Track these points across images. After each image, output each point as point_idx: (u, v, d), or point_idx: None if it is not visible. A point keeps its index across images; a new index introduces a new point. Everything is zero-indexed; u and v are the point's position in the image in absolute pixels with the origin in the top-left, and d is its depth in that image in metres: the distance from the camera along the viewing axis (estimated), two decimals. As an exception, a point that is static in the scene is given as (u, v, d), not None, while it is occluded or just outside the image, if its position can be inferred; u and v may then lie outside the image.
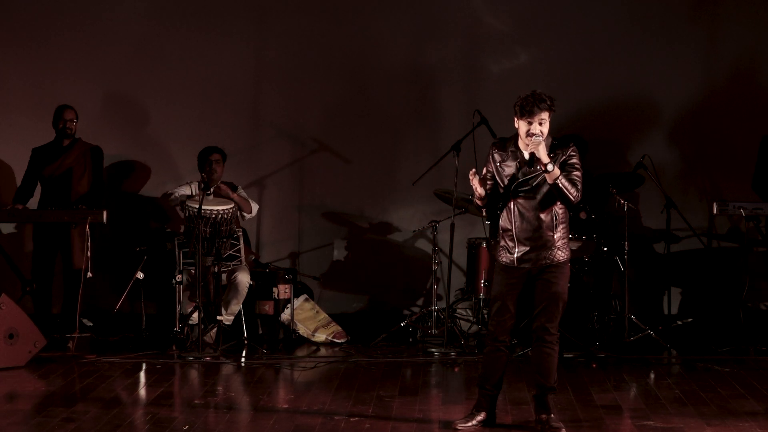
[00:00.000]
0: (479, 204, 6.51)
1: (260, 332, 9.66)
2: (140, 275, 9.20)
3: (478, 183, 6.39)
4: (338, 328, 9.65)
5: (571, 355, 8.66)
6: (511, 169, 6.42)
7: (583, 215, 9.06)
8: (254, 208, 9.59)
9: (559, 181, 6.28)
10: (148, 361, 8.55)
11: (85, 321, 9.69)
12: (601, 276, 9.40)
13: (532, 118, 6.30)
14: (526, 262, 6.40)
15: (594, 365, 8.50)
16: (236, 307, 9.29)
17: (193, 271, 8.99)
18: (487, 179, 6.44)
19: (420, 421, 6.67)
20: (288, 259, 10.41)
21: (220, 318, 9.06)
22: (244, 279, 9.26)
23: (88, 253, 9.02)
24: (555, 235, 6.38)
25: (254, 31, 10.41)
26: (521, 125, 6.35)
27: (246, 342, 9.18)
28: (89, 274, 9.01)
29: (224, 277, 9.23)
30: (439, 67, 10.38)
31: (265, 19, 10.40)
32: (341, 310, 10.16)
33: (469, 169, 6.49)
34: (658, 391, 7.59)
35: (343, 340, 9.56)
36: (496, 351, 6.49)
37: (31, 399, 7.35)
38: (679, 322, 9.68)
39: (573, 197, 6.33)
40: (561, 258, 6.40)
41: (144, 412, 6.95)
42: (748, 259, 9.56)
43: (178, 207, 9.42)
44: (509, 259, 6.45)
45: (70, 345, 8.99)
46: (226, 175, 9.65)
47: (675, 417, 6.77)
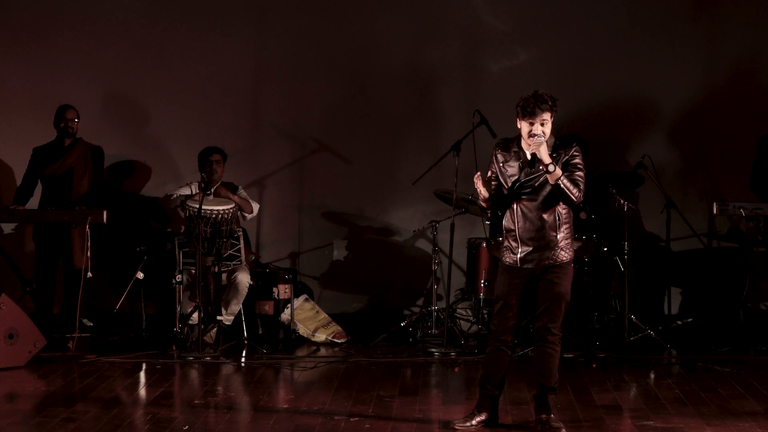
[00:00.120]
0: (484, 206, 6.51)
1: (260, 332, 9.66)
2: (140, 275, 9.20)
3: (482, 186, 6.39)
4: (338, 328, 9.65)
5: (571, 355, 8.66)
6: (514, 169, 6.42)
7: (583, 215, 9.06)
8: (255, 208, 9.59)
9: (561, 182, 6.28)
10: (148, 361, 8.55)
11: (85, 321, 9.69)
12: (601, 276, 9.40)
13: (533, 119, 6.29)
14: (529, 262, 6.40)
15: (594, 365, 8.50)
16: (236, 307, 9.29)
17: (193, 271, 8.99)
18: (492, 181, 6.44)
19: (420, 421, 6.67)
20: (288, 259, 10.41)
21: (220, 318, 9.06)
22: (244, 279, 9.27)
23: (88, 253, 9.02)
24: (558, 236, 6.37)
25: (254, 31, 10.41)
26: (523, 126, 6.35)
27: (246, 342, 9.18)
28: (89, 274, 9.01)
29: (224, 277, 9.23)
30: (439, 67, 10.38)
31: (265, 19, 10.40)
32: (341, 310, 10.16)
33: (469, 169, 6.51)
34: (658, 391, 7.59)
35: (343, 340, 9.56)
36: (498, 351, 6.48)
37: (31, 399, 7.35)
38: (679, 322, 9.68)
39: (575, 197, 6.32)
40: (564, 258, 6.39)
41: (144, 412, 6.95)
42: (748, 259, 9.56)
43: (179, 207, 9.42)
44: (512, 260, 6.45)
45: (70, 345, 8.99)
46: (226, 175, 9.66)
47: (675, 417, 6.77)
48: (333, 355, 9.03)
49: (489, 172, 6.46)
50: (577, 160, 6.39)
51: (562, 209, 6.39)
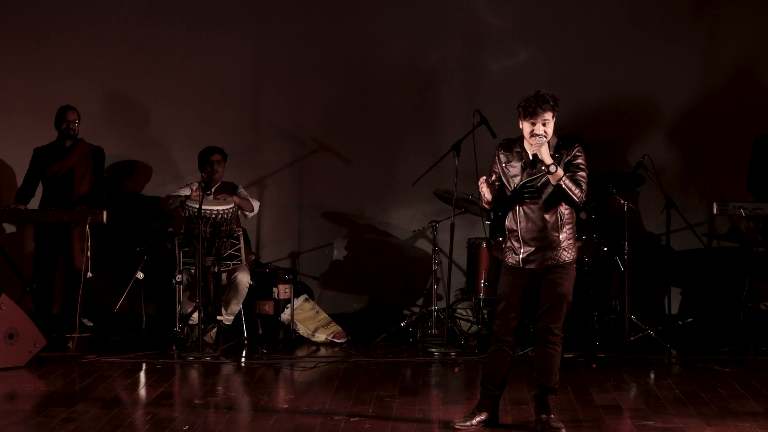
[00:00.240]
0: (487, 208, 6.50)
1: (260, 332, 9.65)
2: (140, 275, 9.20)
3: (487, 188, 6.38)
4: (338, 328, 9.64)
5: (571, 355, 8.66)
6: (517, 169, 6.42)
7: (583, 215, 9.06)
8: (255, 206, 9.58)
9: (563, 182, 6.27)
10: (148, 361, 8.55)
11: (85, 321, 9.69)
12: (601, 276, 9.40)
13: (535, 119, 6.29)
14: (532, 262, 6.39)
15: (594, 365, 8.50)
16: (236, 307, 9.29)
17: (193, 271, 8.99)
18: (495, 183, 6.43)
19: (420, 421, 6.67)
20: (288, 259, 10.41)
21: (220, 318, 9.06)
22: (244, 279, 9.27)
23: (88, 253, 9.02)
24: (560, 236, 6.37)
25: (254, 31, 10.41)
26: (525, 126, 6.34)
27: (246, 342, 9.18)
28: (89, 274, 9.01)
29: (224, 277, 9.23)
30: (439, 67, 10.38)
31: (265, 19, 10.40)
32: (341, 310, 10.16)
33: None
34: (658, 391, 7.59)
35: (343, 340, 9.56)
36: (500, 351, 6.48)
37: (31, 399, 7.35)
38: (680, 322, 9.68)
39: (577, 198, 6.31)
40: (567, 259, 6.39)
41: (144, 412, 6.95)
42: (748, 259, 9.56)
43: (179, 207, 9.42)
44: (515, 260, 6.44)
45: (70, 345, 8.99)
46: (226, 175, 9.66)
47: (675, 417, 6.77)
48: (333, 355, 9.03)
49: (493, 176, 6.45)
50: (580, 161, 6.38)
51: (564, 209, 6.39)
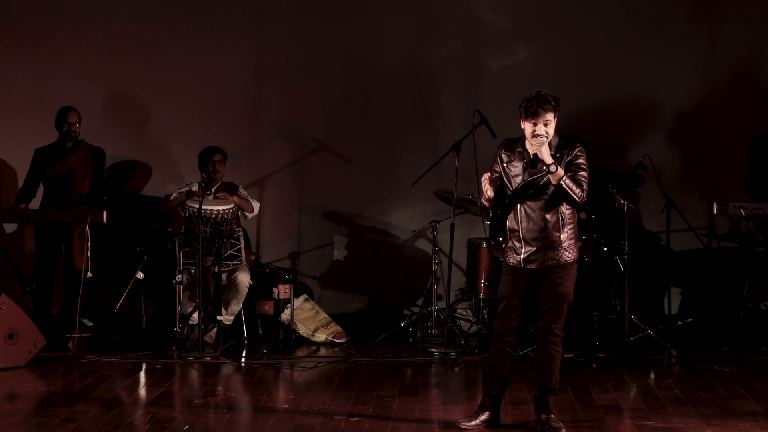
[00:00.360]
0: (486, 205, 6.49)
1: (260, 332, 9.65)
2: (140, 275, 9.20)
3: (489, 185, 6.37)
4: (338, 328, 9.64)
5: (571, 355, 8.66)
6: (518, 169, 6.42)
7: (583, 215, 9.05)
8: (256, 206, 9.58)
9: (563, 182, 6.27)
10: (148, 361, 8.55)
11: (85, 321, 9.69)
12: (601, 276, 9.40)
13: (536, 119, 6.29)
14: (533, 262, 6.39)
15: (594, 365, 8.50)
16: (236, 307, 9.29)
17: (193, 271, 8.99)
18: (497, 181, 6.42)
19: (420, 421, 6.67)
20: (288, 259, 10.41)
21: (220, 318, 9.06)
22: (244, 279, 9.26)
23: (88, 253, 9.02)
24: (562, 236, 6.37)
25: (254, 31, 10.41)
26: (526, 126, 6.34)
27: (246, 342, 9.18)
28: (89, 274, 9.01)
29: (224, 277, 9.23)
30: (439, 67, 10.38)
31: (265, 19, 10.40)
32: (341, 310, 10.16)
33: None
34: (658, 391, 7.59)
35: (343, 340, 9.56)
36: (502, 351, 6.47)
37: (31, 399, 7.35)
38: (680, 322, 9.68)
39: (578, 198, 6.31)
40: (568, 259, 6.39)
41: (144, 412, 6.95)
42: (748, 259, 9.56)
43: (179, 207, 9.42)
44: (516, 260, 6.44)
45: (70, 345, 9.00)
46: (226, 175, 9.66)
47: (675, 417, 6.77)
48: (333, 355, 9.03)
49: (495, 175, 6.44)
50: (581, 161, 6.37)
51: (565, 209, 6.39)
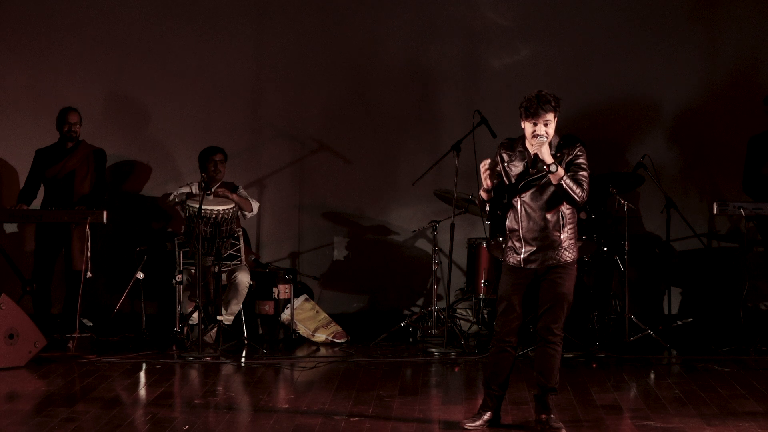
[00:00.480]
0: (484, 198, 6.45)
1: (260, 332, 9.65)
2: (140, 275, 9.20)
3: (488, 174, 6.35)
4: (338, 328, 9.64)
5: (571, 355, 8.66)
6: (519, 169, 6.41)
7: (583, 215, 9.06)
8: (255, 206, 9.58)
9: (564, 182, 6.27)
10: (148, 361, 8.55)
11: (85, 321, 9.68)
12: (601, 276, 9.40)
13: (536, 119, 6.29)
14: (533, 262, 6.39)
15: (594, 365, 8.50)
16: (236, 307, 9.29)
17: (193, 271, 8.99)
18: (496, 170, 6.39)
19: (420, 421, 6.67)
20: (288, 259, 10.41)
21: (220, 318, 9.06)
22: (244, 279, 9.26)
23: (88, 254, 9.02)
24: (562, 236, 6.37)
25: (254, 31, 10.41)
26: (526, 126, 6.34)
27: (246, 342, 9.17)
28: (89, 275, 9.01)
29: (224, 277, 9.23)
30: (440, 67, 10.37)
31: (265, 19, 10.40)
32: (341, 310, 10.16)
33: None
34: (658, 391, 7.59)
35: (343, 340, 9.56)
36: (503, 351, 6.47)
37: (31, 399, 7.35)
38: (679, 322, 9.68)
39: (578, 198, 6.31)
40: (568, 258, 6.39)
41: (144, 412, 6.95)
42: (748, 259, 9.56)
43: (179, 207, 9.42)
44: (516, 260, 6.44)
45: (70, 345, 8.99)
46: (226, 175, 9.65)
47: (675, 417, 6.77)
48: (333, 355, 9.03)
49: (497, 167, 6.42)
50: (581, 160, 6.38)
51: (566, 209, 6.39)
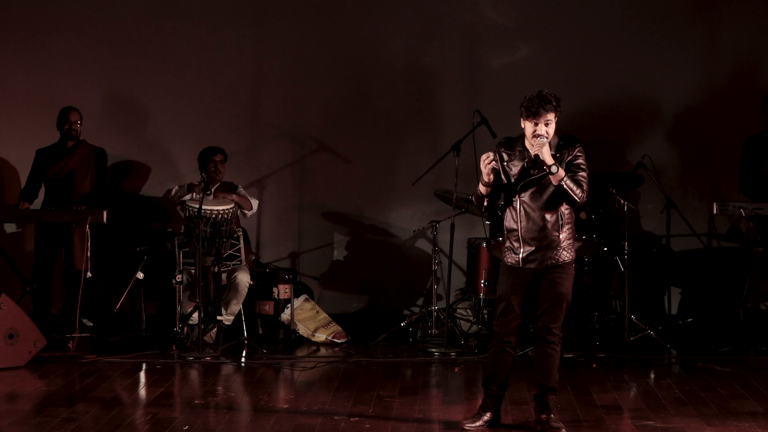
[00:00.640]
0: (482, 193, 6.43)
1: (260, 332, 9.65)
2: (140, 275, 9.20)
3: (489, 166, 6.33)
4: (338, 328, 9.64)
5: (571, 355, 8.66)
6: (518, 168, 6.41)
7: (583, 215, 9.06)
8: (254, 204, 9.58)
9: (564, 183, 6.28)
10: (148, 361, 8.55)
11: (85, 321, 9.68)
12: (601, 276, 9.40)
13: (537, 119, 6.29)
14: (532, 262, 6.40)
15: (594, 365, 8.50)
16: (236, 307, 9.29)
17: (193, 271, 8.99)
18: (495, 166, 6.38)
19: (420, 421, 6.67)
20: (288, 259, 10.41)
21: (220, 318, 9.06)
22: (244, 279, 9.26)
23: (88, 253, 9.02)
24: (561, 236, 6.37)
25: (254, 31, 10.41)
26: (527, 126, 6.34)
27: (246, 342, 9.17)
28: (89, 275, 9.01)
29: (224, 277, 9.23)
30: (440, 67, 10.37)
31: (265, 19, 10.40)
32: (341, 310, 10.16)
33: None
34: (658, 391, 7.59)
35: (343, 340, 9.55)
36: (502, 351, 6.47)
37: (31, 399, 7.35)
38: (680, 322, 9.67)
39: (578, 198, 6.32)
40: (566, 258, 6.40)
41: (144, 412, 6.95)
42: (748, 259, 9.56)
43: (179, 207, 9.42)
44: (514, 260, 6.44)
45: (70, 345, 9.00)
46: (226, 175, 9.66)
47: (675, 417, 6.77)
48: (333, 355, 9.03)
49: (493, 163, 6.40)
50: (580, 161, 6.38)
51: (565, 209, 6.39)
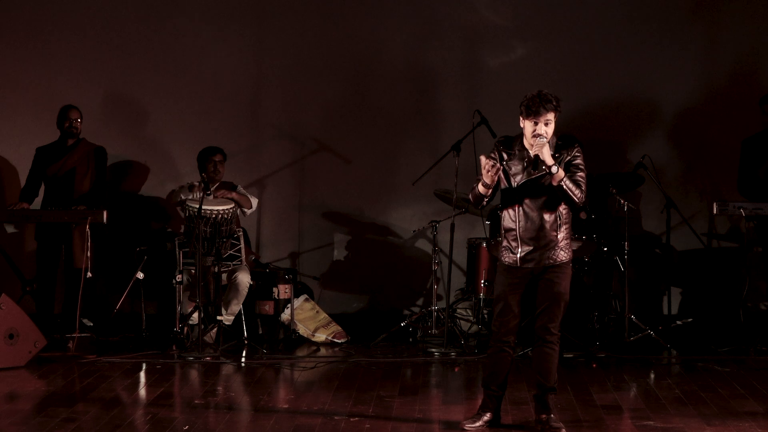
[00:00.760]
0: (482, 193, 6.40)
1: (260, 332, 9.65)
2: (140, 275, 9.20)
3: (494, 171, 6.30)
4: (338, 328, 9.64)
5: (571, 355, 8.66)
6: (518, 168, 6.41)
7: (583, 215, 9.06)
8: (254, 202, 9.58)
9: (564, 183, 6.28)
10: (148, 361, 8.55)
11: (85, 321, 9.68)
12: (601, 276, 9.40)
13: (537, 119, 6.29)
14: (529, 262, 6.40)
15: (594, 365, 8.50)
16: (236, 307, 9.29)
17: (194, 271, 8.99)
18: (498, 167, 6.36)
19: (420, 421, 6.67)
20: (288, 259, 10.41)
21: (220, 318, 9.07)
22: (245, 279, 9.26)
23: (88, 253, 9.02)
24: (558, 236, 6.38)
25: (254, 31, 10.41)
26: (527, 125, 6.34)
27: (246, 342, 9.17)
28: (89, 274, 9.01)
29: (224, 277, 9.23)
30: (440, 67, 10.37)
31: (265, 19, 10.40)
32: (341, 310, 10.16)
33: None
34: (658, 391, 7.59)
35: (343, 340, 9.56)
36: (501, 351, 6.48)
37: (31, 399, 7.35)
38: (679, 322, 9.68)
39: (577, 199, 6.32)
40: (564, 258, 6.40)
41: (144, 412, 6.95)
42: (748, 259, 9.56)
43: (179, 207, 9.42)
44: (512, 260, 6.44)
45: (70, 345, 9.00)
46: (226, 176, 9.65)
47: (675, 417, 6.78)
48: (333, 355, 9.03)
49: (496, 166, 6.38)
50: (579, 161, 6.39)
51: (563, 209, 6.40)
